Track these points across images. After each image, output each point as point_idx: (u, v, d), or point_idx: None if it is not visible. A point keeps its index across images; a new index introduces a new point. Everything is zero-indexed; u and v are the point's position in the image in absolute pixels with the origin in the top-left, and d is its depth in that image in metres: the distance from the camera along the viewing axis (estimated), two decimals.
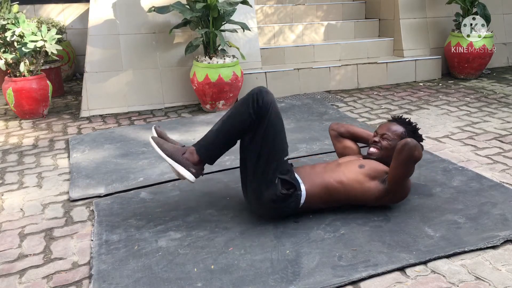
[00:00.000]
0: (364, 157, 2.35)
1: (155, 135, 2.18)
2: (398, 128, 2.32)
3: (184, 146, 2.17)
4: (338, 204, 2.22)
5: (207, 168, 2.86)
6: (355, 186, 2.15)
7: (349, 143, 2.50)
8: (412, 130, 2.33)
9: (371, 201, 2.18)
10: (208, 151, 2.11)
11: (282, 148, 2.09)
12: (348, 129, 2.52)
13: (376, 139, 2.32)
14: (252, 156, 2.06)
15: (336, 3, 5.80)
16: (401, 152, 2.02)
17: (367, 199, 2.18)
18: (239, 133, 2.08)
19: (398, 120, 2.39)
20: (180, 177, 2.10)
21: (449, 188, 2.46)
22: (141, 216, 2.26)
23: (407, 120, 2.39)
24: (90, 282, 1.80)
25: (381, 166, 2.20)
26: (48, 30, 4.17)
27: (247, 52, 4.53)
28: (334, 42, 5.22)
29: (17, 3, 4.19)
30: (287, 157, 2.11)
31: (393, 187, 2.12)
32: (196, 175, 2.10)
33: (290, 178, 2.09)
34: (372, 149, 2.32)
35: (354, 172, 2.18)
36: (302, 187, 2.12)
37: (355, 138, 2.51)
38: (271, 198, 2.07)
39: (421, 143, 2.24)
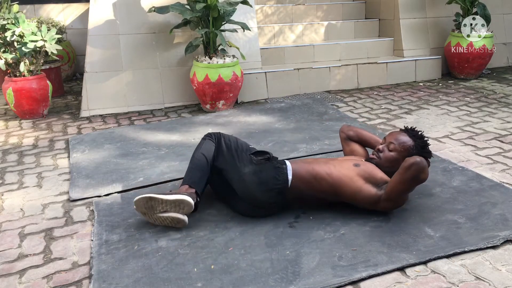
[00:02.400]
0: (366, 160, 2.34)
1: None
2: (407, 141, 2.24)
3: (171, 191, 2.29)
4: (326, 196, 2.18)
5: None
6: (344, 180, 2.13)
7: (356, 147, 2.48)
8: (421, 145, 2.25)
9: (363, 203, 2.16)
10: (201, 182, 2.26)
11: (245, 147, 2.35)
12: (358, 133, 2.49)
13: (381, 147, 2.28)
14: (224, 162, 2.29)
15: (336, 3, 5.80)
16: (407, 170, 1.99)
17: (358, 200, 2.16)
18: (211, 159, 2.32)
19: (410, 131, 2.31)
20: (180, 222, 2.13)
21: (449, 188, 2.46)
22: (141, 216, 2.26)
23: (419, 133, 2.30)
24: (90, 282, 1.80)
25: (378, 172, 2.18)
26: (48, 30, 4.17)
27: (247, 52, 4.53)
28: (334, 42, 5.22)
29: (17, 3, 4.18)
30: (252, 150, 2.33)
31: (389, 197, 2.10)
32: (195, 201, 2.17)
33: (260, 150, 2.31)
34: (372, 156, 2.32)
35: (347, 168, 2.17)
36: (288, 164, 2.21)
37: (363, 142, 2.48)
38: (251, 172, 2.18)
39: (428, 159, 2.22)
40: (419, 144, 2.25)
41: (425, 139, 2.29)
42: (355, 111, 4.05)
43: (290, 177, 2.15)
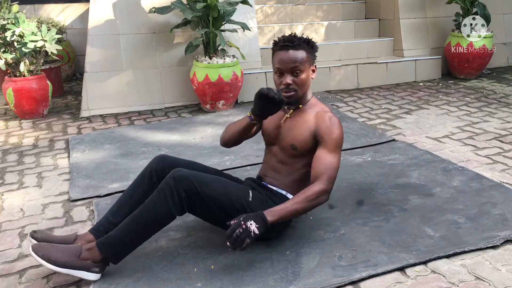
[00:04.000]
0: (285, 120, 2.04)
1: (35, 243, 1.82)
2: (299, 54, 1.95)
3: (76, 237, 1.89)
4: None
5: None
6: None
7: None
8: (307, 41, 1.99)
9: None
10: (118, 253, 1.78)
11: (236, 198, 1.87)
12: (227, 133, 2.16)
13: (288, 81, 1.94)
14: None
15: (336, 3, 5.80)
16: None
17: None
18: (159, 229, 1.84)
19: (283, 41, 1.97)
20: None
21: (449, 188, 2.46)
22: None
23: (290, 37, 1.99)
24: (90, 283, 1.80)
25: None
26: (48, 30, 4.17)
27: (247, 52, 4.53)
28: (334, 42, 5.22)
29: (17, 3, 4.19)
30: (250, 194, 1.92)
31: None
32: (101, 271, 1.79)
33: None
34: (287, 94, 1.95)
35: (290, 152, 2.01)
36: (290, 197, 1.99)
37: (239, 135, 2.12)
38: (268, 235, 1.88)
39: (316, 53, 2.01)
40: (312, 43, 2.01)
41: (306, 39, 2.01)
42: (355, 111, 4.05)
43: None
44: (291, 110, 2.05)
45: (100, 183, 2.71)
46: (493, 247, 1.91)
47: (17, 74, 4.05)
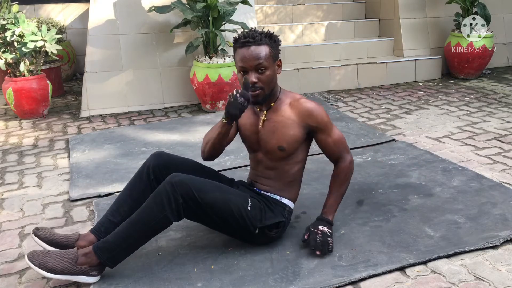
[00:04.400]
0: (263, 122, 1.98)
1: (40, 242, 1.86)
2: (263, 48, 1.86)
3: (78, 238, 1.89)
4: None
5: None
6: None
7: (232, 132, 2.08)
8: (268, 35, 1.91)
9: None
10: (114, 257, 1.76)
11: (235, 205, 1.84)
12: (206, 144, 2.04)
13: (252, 79, 1.85)
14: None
15: (336, 3, 5.80)
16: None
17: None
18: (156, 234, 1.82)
19: (242, 39, 1.87)
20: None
21: (449, 188, 2.46)
22: None
23: (249, 31, 1.89)
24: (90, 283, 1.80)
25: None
26: (48, 30, 4.17)
27: None
28: (334, 42, 5.22)
29: (17, 3, 4.19)
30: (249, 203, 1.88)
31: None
32: (100, 274, 1.79)
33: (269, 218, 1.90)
34: (253, 93, 1.87)
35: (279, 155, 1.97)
36: (286, 201, 2.00)
37: (218, 141, 1.99)
38: (267, 240, 1.97)
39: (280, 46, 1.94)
40: (274, 37, 1.92)
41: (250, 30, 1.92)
42: (355, 111, 4.05)
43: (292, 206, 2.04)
44: (265, 112, 1.98)
45: (100, 183, 2.71)
46: (493, 247, 1.91)
47: (17, 74, 4.05)
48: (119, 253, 1.77)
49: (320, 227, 1.89)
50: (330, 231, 1.90)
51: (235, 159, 3.00)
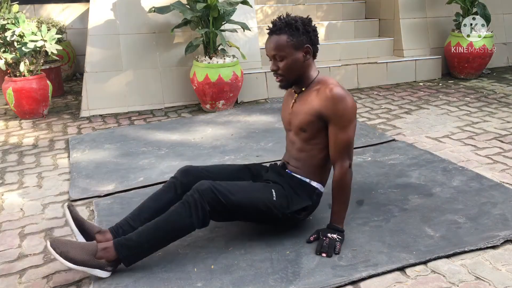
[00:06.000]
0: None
1: (69, 217, 1.90)
2: (282, 37, 1.90)
3: (99, 231, 1.91)
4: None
5: None
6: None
7: None
8: (301, 24, 1.92)
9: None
10: (133, 255, 1.81)
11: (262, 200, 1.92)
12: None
13: (272, 68, 1.97)
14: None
15: (336, 3, 5.80)
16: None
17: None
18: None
19: (275, 27, 1.92)
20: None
21: (449, 188, 2.46)
22: None
23: (282, 18, 1.93)
24: (90, 282, 1.80)
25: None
26: (48, 30, 4.17)
27: (247, 52, 4.53)
28: (334, 42, 5.22)
29: (17, 3, 4.19)
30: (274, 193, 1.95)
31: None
32: (113, 270, 1.82)
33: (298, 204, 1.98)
34: (276, 80, 2.00)
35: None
36: (315, 184, 2.05)
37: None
38: (295, 223, 2.07)
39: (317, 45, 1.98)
40: (294, 25, 1.90)
41: (294, 20, 1.92)
42: None
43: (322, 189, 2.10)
44: (296, 95, 2.06)
45: (100, 183, 2.71)
46: (493, 247, 1.91)
47: (17, 74, 4.05)
48: (139, 253, 1.81)
49: (329, 235, 1.94)
50: (339, 237, 1.94)
51: (235, 159, 3.00)
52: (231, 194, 1.86)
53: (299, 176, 2.04)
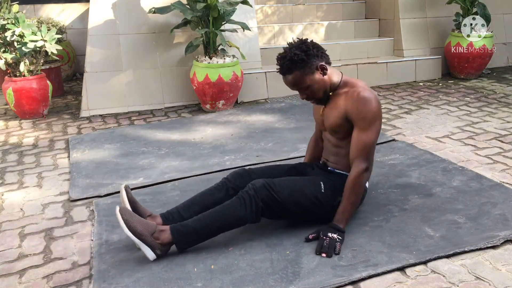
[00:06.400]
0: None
1: (125, 197, 2.01)
2: (298, 76, 2.00)
3: (151, 215, 2.03)
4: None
5: (207, 168, 2.86)
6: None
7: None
8: (307, 52, 2.00)
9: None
10: (188, 241, 1.93)
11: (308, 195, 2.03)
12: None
13: (302, 97, 2.11)
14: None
15: (336, 3, 5.80)
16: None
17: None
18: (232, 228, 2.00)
19: (283, 59, 2.00)
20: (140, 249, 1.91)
21: (449, 188, 2.46)
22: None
23: (293, 46, 2.02)
24: (90, 282, 1.80)
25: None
26: (48, 30, 4.17)
27: (247, 52, 4.53)
28: (334, 42, 5.21)
29: (17, 3, 4.19)
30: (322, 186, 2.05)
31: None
32: (159, 256, 1.90)
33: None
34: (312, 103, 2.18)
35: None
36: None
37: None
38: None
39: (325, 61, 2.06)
40: (299, 58, 1.97)
41: (301, 40, 2.05)
42: None
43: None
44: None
45: (100, 183, 2.71)
46: (493, 247, 1.91)
47: (17, 74, 4.05)
48: (193, 239, 1.93)
49: (329, 234, 1.95)
50: (340, 237, 1.95)
51: (235, 159, 3.00)
52: (283, 189, 1.97)
53: (338, 171, 2.15)
